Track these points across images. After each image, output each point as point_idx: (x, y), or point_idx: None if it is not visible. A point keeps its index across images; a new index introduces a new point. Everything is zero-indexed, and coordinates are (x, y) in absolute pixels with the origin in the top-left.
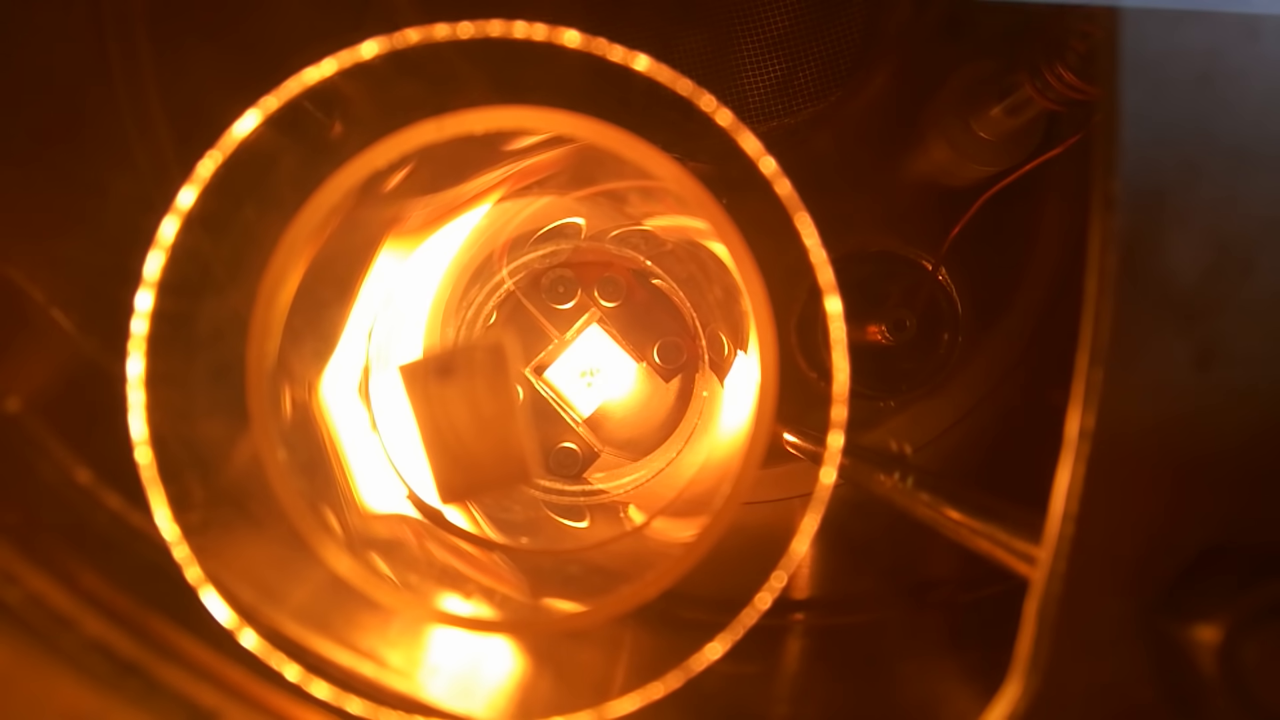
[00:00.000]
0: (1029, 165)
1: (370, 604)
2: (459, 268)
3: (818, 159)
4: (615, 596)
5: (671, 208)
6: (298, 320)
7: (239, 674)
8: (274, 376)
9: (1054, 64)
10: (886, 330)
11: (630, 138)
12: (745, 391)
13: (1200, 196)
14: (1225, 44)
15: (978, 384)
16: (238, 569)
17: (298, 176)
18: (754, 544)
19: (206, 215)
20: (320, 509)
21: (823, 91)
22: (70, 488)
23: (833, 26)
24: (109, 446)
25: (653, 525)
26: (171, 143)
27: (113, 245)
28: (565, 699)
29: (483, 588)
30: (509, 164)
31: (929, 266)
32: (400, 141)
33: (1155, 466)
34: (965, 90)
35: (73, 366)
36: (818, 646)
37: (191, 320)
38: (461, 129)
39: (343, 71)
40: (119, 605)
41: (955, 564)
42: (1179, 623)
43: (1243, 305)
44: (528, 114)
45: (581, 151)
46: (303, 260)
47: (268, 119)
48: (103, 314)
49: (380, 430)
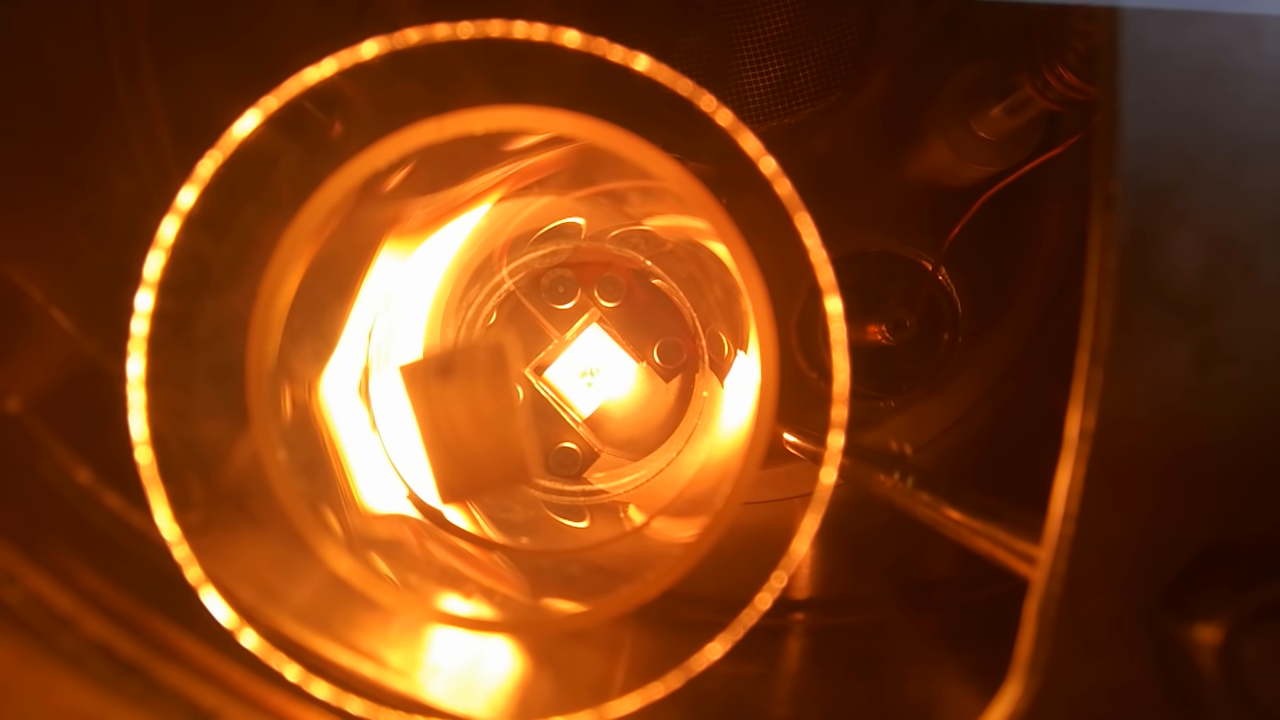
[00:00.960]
0: (1029, 165)
1: (370, 604)
2: (459, 268)
3: (818, 159)
4: (615, 596)
5: (671, 208)
6: (298, 320)
7: (239, 674)
8: (274, 376)
9: (1054, 64)
10: (886, 330)
11: (630, 138)
12: (745, 391)
13: (1200, 196)
14: (1225, 44)
15: (978, 384)
16: (238, 569)
17: (298, 176)
18: (754, 544)
19: (206, 215)
20: (320, 509)
21: (822, 91)
22: (70, 488)
23: (832, 27)
24: (109, 446)
25: (653, 525)
26: (171, 143)
27: (113, 245)
28: (565, 699)
29: (483, 588)
30: (509, 164)
31: (929, 266)
32: (400, 141)
33: (1155, 466)
34: (965, 90)
35: (73, 366)
36: (818, 646)
37: (191, 320)
38: (462, 129)
39: (343, 72)
40: (119, 605)
41: (955, 564)
42: (1179, 623)
43: (1243, 305)
44: (528, 114)
45: (581, 151)
46: (303, 260)
47: (268, 119)
48: (103, 314)
49: (380, 430)
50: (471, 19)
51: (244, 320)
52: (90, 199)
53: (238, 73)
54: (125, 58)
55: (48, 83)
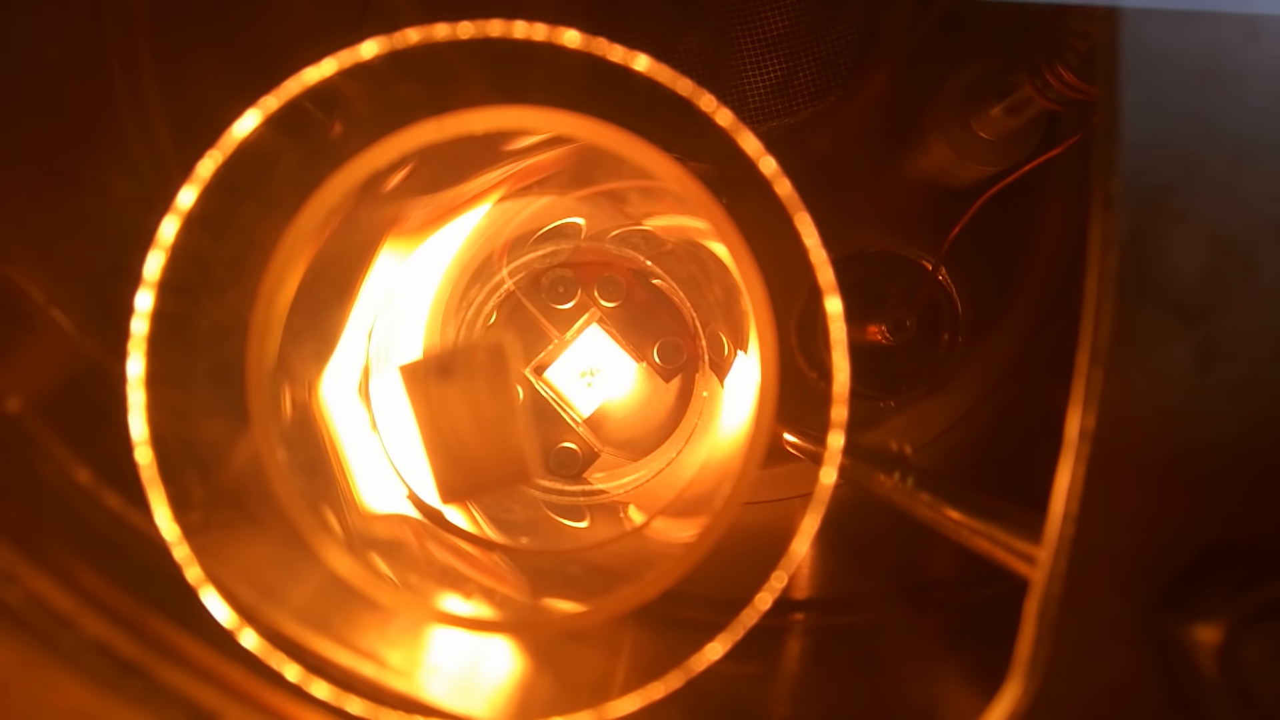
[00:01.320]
0: (1029, 165)
1: (370, 604)
2: (459, 268)
3: (818, 159)
4: (615, 596)
5: (671, 208)
6: (298, 320)
7: (239, 674)
8: (274, 376)
9: (1054, 64)
10: (886, 330)
11: (630, 138)
12: (745, 391)
13: (1200, 196)
14: (1225, 43)
15: (978, 384)
16: (238, 569)
17: (298, 176)
18: (754, 544)
19: (206, 215)
20: (320, 509)
21: (822, 91)
22: (70, 488)
23: (832, 27)
24: (109, 446)
25: (653, 525)
26: (171, 142)
27: (113, 245)
28: (565, 699)
29: (483, 588)
30: (509, 164)
31: (929, 266)
32: (400, 141)
33: (1155, 466)
34: (965, 90)
35: (73, 366)
36: (818, 646)
37: (191, 320)
38: (462, 129)
39: (343, 71)
40: (119, 605)
41: (956, 564)
42: (1179, 623)
43: (1243, 304)
44: (528, 114)
45: (581, 151)
46: (303, 260)
47: (268, 119)
48: (103, 314)
49: (380, 430)
50: (472, 19)
51: (244, 320)
52: (90, 199)
53: (238, 72)
54: (125, 57)
55: (48, 83)
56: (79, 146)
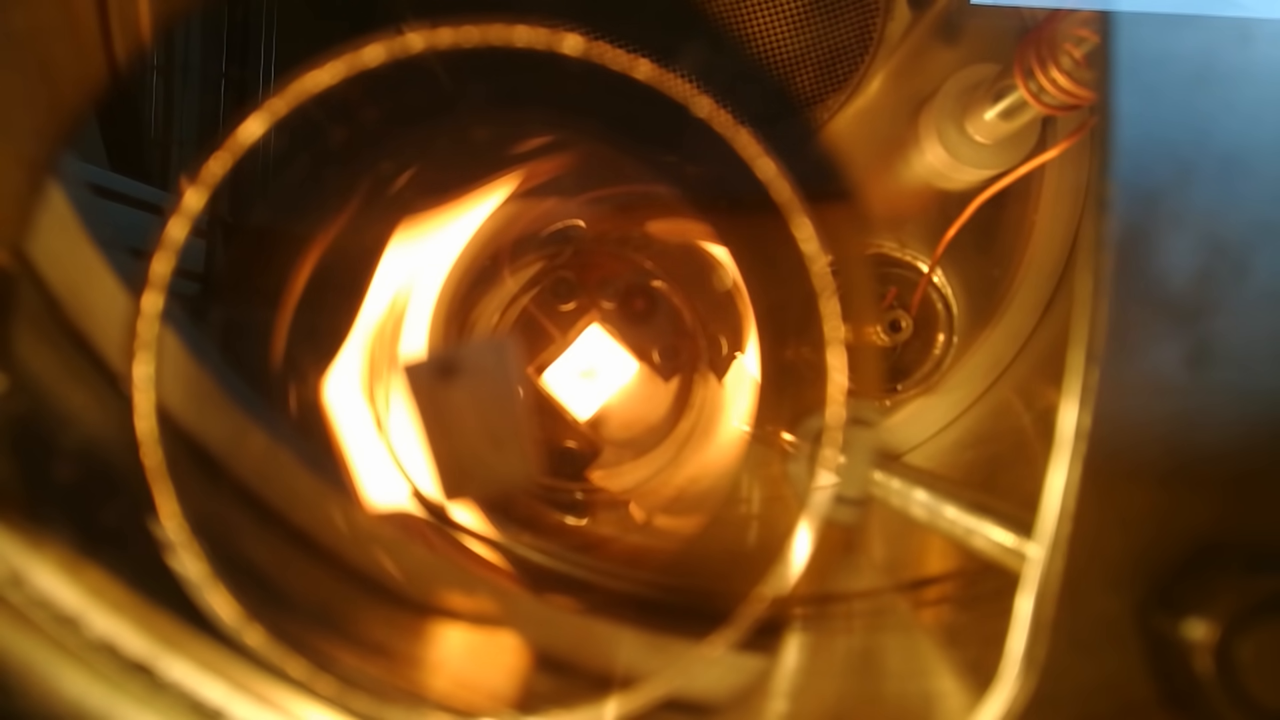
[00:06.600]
0: (1024, 168)
1: (374, 600)
2: (462, 269)
3: (816, 162)
4: (616, 596)
5: (671, 210)
6: (303, 320)
7: (244, 671)
8: (281, 375)
9: (1049, 68)
10: (882, 331)
11: (631, 139)
12: (743, 391)
13: (1194, 198)
14: (1218, 48)
15: (972, 384)
16: (242, 567)
17: (298, 176)
18: (754, 543)
19: (207, 215)
20: (325, 506)
21: (821, 95)
22: (74, 485)
23: (831, 31)
24: (112, 445)
25: (652, 523)
26: (171, 143)
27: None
28: (566, 698)
29: (485, 584)
30: (513, 168)
31: (925, 268)
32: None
33: (1149, 465)
34: (961, 94)
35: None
36: (815, 643)
37: (192, 320)
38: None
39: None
40: (125, 603)
41: (951, 562)
42: (1174, 620)
43: (1236, 305)
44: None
45: (584, 156)
46: (309, 261)
47: (273, 122)
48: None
49: (385, 429)
50: (474, 23)
51: (247, 321)
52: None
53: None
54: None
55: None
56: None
